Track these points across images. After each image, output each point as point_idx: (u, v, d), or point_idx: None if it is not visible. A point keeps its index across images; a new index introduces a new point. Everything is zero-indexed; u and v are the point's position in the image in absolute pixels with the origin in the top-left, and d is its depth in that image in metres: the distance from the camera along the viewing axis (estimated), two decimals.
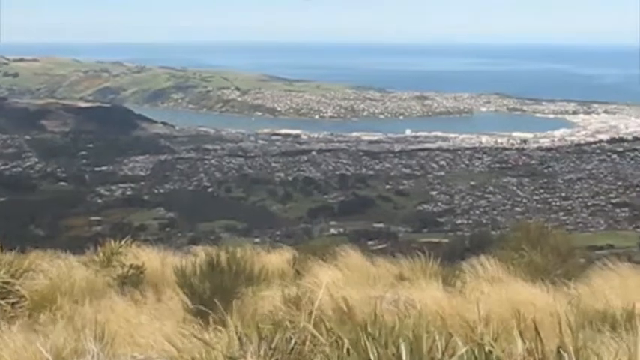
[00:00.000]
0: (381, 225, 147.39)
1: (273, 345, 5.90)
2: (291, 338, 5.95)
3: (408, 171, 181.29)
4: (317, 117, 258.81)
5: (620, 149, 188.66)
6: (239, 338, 5.91)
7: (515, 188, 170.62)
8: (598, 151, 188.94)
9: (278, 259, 13.15)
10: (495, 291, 8.56)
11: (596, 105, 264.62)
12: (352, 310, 6.09)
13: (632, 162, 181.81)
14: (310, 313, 5.98)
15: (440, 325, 6.03)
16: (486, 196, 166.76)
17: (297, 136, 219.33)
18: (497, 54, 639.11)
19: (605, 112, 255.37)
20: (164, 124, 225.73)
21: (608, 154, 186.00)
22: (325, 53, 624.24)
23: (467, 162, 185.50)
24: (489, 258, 11.57)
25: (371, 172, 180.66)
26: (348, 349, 5.47)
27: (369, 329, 5.53)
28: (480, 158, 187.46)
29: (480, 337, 5.44)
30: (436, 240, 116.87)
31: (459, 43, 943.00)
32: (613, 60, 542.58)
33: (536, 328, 5.15)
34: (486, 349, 5.29)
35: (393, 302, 7.02)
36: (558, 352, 5.03)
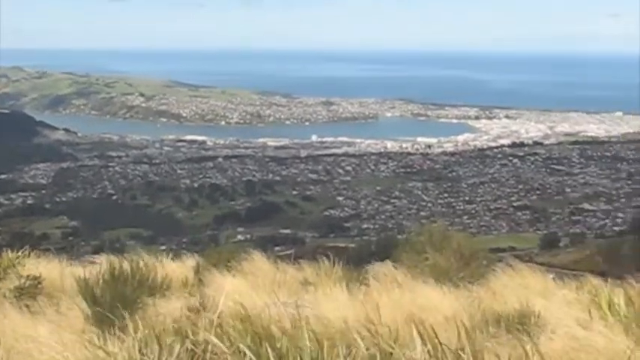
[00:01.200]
0: (287, 230, 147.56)
1: (174, 355, 5.81)
2: (192, 348, 5.87)
3: (314, 176, 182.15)
4: (223, 123, 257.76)
5: (521, 153, 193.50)
6: (140, 348, 5.80)
7: (420, 192, 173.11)
8: (500, 155, 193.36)
9: (182, 267, 13.00)
10: (398, 294, 8.62)
11: (497, 110, 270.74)
12: (254, 317, 6.04)
13: (533, 166, 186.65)
14: (212, 322, 5.91)
15: (342, 330, 6.04)
16: (392, 200, 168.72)
17: (202, 142, 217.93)
18: (399, 60, 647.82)
19: (507, 117, 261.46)
20: (66, 130, 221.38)
21: (510, 158, 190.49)
22: (230, 59, 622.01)
23: (372, 167, 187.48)
24: (394, 262, 11.66)
25: (277, 178, 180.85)
26: (250, 359, 5.42)
27: (271, 337, 5.50)
28: (385, 163, 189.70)
29: (381, 341, 5.47)
30: (343, 245, 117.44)
31: (363, 49, 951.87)
32: (510, 66, 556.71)
33: (434, 331, 5.20)
34: (387, 352, 5.32)
35: (296, 308, 6.99)
36: (457, 354, 5.09)
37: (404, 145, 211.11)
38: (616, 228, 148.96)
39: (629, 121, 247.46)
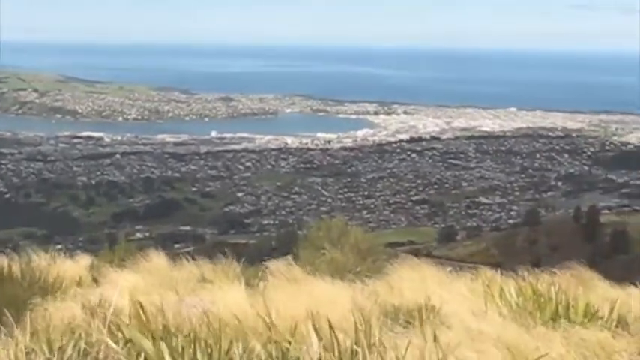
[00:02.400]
0: (187, 227, 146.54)
1: (66, 357, 5.65)
2: (85, 349, 5.72)
3: (214, 172, 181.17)
4: (120, 119, 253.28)
5: (419, 148, 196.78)
6: (27, 352, 5.62)
7: (320, 188, 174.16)
8: (399, 150, 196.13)
9: (77, 266, 12.70)
10: (296, 290, 8.61)
11: (396, 105, 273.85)
12: (150, 316, 5.93)
13: (430, 160, 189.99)
14: (105, 322, 5.78)
15: (239, 327, 5.99)
16: (292, 196, 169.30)
17: (99, 138, 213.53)
18: (299, 56, 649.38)
19: (405, 112, 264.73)
20: None
21: (408, 153, 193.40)
22: (126, 54, 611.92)
23: (273, 163, 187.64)
24: (293, 257, 11.65)
25: (177, 175, 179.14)
26: (145, 358, 5.32)
27: (167, 336, 5.41)
28: (285, 159, 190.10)
29: (278, 337, 5.45)
30: (243, 241, 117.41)
31: (263, 45, 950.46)
32: (409, 62, 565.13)
33: (331, 326, 5.21)
34: (283, 348, 5.30)
35: (193, 306, 6.91)
36: (353, 348, 5.10)
37: (304, 141, 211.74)
38: (510, 221, 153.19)
39: (522, 116, 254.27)
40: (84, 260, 13.27)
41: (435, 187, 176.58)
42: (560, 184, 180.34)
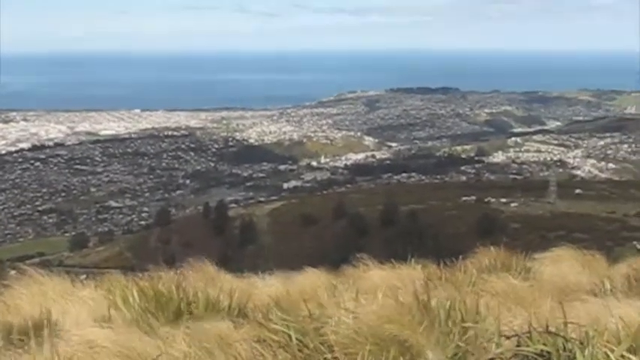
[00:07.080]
0: None
1: None
2: None
3: None
4: None
5: (43, 156, 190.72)
6: None
7: None
8: (20, 159, 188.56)
9: None
10: None
11: (14, 113, 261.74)
12: None
13: (56, 167, 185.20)
14: None
15: None
16: None
17: None
18: None
19: (25, 119, 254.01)
20: None
21: (32, 161, 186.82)
22: None
23: None
24: None
25: None
26: None
27: None
28: None
29: None
30: None
31: None
32: (15, 67, 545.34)
33: None
34: None
35: None
36: None
37: None
38: (142, 222, 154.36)
39: (146, 117, 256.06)
40: None
41: (63, 194, 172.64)
42: (188, 181, 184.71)
